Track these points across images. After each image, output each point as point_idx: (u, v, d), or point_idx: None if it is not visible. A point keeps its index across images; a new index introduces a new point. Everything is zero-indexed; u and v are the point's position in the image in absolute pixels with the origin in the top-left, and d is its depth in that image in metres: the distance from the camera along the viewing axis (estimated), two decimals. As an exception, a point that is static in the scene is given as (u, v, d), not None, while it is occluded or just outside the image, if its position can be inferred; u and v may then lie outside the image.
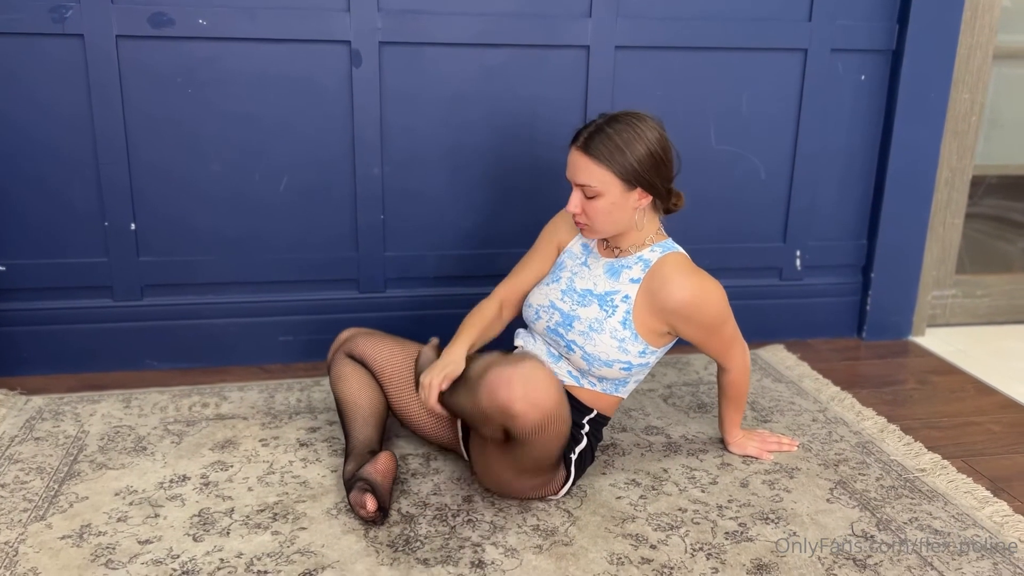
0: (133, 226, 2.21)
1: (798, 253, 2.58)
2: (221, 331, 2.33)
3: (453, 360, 1.64)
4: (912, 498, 1.73)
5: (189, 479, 1.74)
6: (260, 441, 1.91)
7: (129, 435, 1.92)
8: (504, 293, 1.83)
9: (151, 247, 2.24)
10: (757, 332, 2.60)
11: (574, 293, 1.68)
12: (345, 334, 1.90)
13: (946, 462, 1.87)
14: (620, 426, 2.01)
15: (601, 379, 1.67)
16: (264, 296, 2.34)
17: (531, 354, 1.53)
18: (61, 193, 2.16)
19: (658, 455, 1.88)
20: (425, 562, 1.48)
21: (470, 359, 1.66)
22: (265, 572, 1.45)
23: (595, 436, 1.72)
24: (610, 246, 1.71)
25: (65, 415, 2.01)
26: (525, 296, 1.80)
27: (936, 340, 2.68)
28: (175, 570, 1.45)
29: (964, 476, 1.81)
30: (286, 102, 2.20)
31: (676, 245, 1.69)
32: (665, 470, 1.82)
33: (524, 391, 1.41)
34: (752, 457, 1.87)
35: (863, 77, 2.46)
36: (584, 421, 1.69)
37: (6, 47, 2.03)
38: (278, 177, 2.25)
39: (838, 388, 2.24)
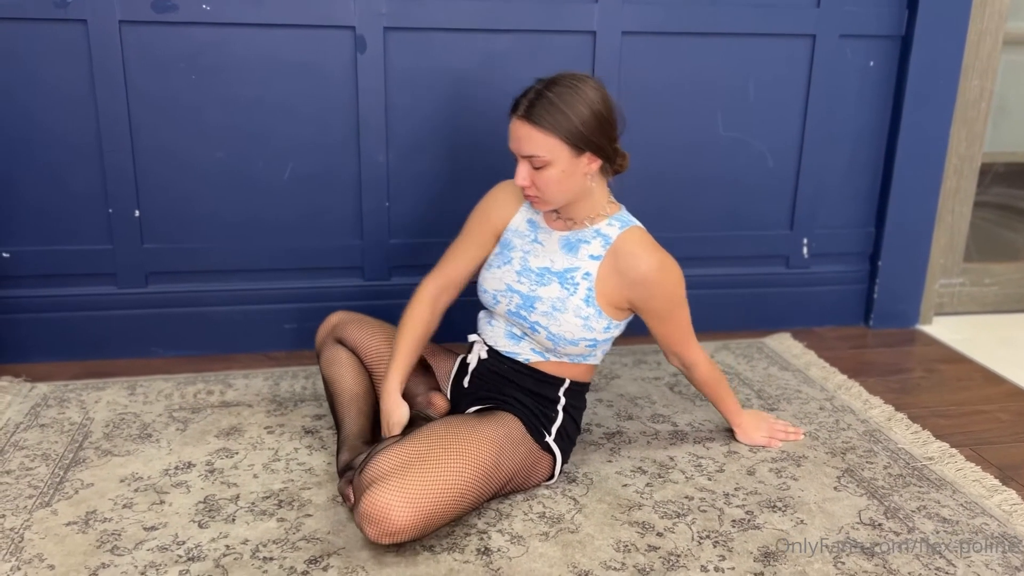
0: (137, 213, 2.20)
1: (805, 241, 2.57)
2: (226, 318, 2.32)
3: (388, 411, 1.63)
4: (920, 486, 1.72)
5: (194, 466, 1.74)
6: (265, 428, 1.91)
7: (134, 422, 1.92)
8: (438, 285, 1.73)
9: (155, 234, 2.23)
10: (763, 320, 2.59)
11: (531, 273, 1.64)
12: (334, 319, 1.87)
13: (954, 450, 1.86)
14: (626, 414, 2.00)
15: (567, 354, 1.66)
16: (269, 283, 2.33)
17: (390, 457, 1.45)
18: (65, 180, 2.15)
19: (664, 443, 1.87)
20: (431, 549, 1.47)
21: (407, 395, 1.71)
22: (271, 559, 1.44)
23: (574, 407, 1.70)
24: (561, 217, 1.65)
25: (70, 402, 2.01)
26: (460, 284, 1.75)
27: (943, 328, 2.66)
28: (180, 556, 1.44)
29: (972, 464, 1.80)
30: (290, 88, 2.18)
31: (633, 218, 1.64)
32: (671, 458, 1.81)
33: (378, 530, 1.37)
34: (760, 446, 1.86)
35: (872, 63, 2.44)
36: (559, 395, 1.67)
37: (9, 32, 2.02)
38: (282, 164, 2.24)
39: (845, 376, 2.23)
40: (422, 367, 1.83)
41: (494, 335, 1.70)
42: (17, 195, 2.14)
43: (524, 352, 1.67)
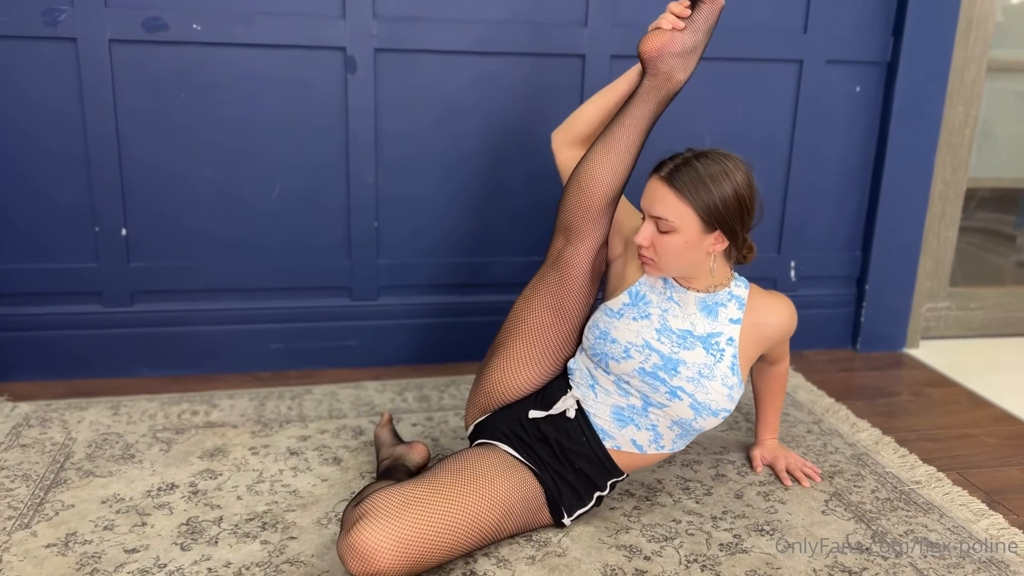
0: (124, 231, 2.19)
1: (792, 264, 2.58)
2: (212, 338, 2.31)
3: None
4: (908, 510, 1.71)
5: (177, 487, 1.72)
6: (250, 449, 1.89)
7: (117, 442, 1.90)
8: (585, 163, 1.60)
9: (142, 252, 2.22)
10: (751, 343, 2.59)
11: (672, 334, 1.55)
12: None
13: (941, 474, 1.86)
14: (614, 436, 2.00)
15: (685, 435, 1.59)
16: (255, 303, 2.32)
17: (389, 494, 1.38)
18: (52, 197, 2.14)
19: (652, 466, 1.87)
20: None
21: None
22: (253, 582, 1.42)
23: (607, 496, 1.67)
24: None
25: (52, 422, 1.98)
26: (585, 168, 1.59)
27: (930, 352, 2.67)
28: (162, 580, 1.42)
29: (959, 488, 1.80)
30: (280, 108, 2.18)
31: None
32: (659, 481, 1.80)
33: (360, 567, 1.31)
34: (771, 468, 1.85)
35: (858, 88, 2.46)
36: (607, 484, 1.60)
37: (-2, 50, 2.02)
38: (271, 184, 2.24)
39: (832, 400, 2.23)
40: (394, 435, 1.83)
41: (596, 406, 1.58)
42: (2, 211, 2.13)
43: (620, 439, 1.57)
